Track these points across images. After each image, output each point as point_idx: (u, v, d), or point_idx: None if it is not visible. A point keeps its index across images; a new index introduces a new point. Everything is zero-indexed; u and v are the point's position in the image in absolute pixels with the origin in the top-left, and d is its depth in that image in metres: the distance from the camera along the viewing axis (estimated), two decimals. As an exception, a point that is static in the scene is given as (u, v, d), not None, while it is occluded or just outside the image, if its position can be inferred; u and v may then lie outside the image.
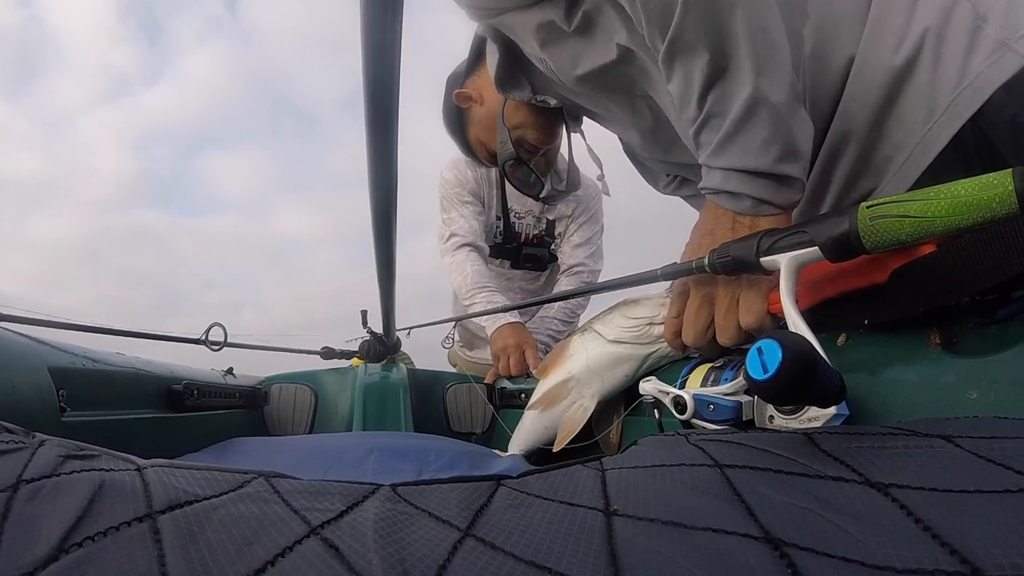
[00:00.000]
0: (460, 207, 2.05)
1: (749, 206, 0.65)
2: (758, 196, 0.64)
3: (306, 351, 2.01)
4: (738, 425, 0.58)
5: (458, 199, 2.06)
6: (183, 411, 1.23)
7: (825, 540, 0.24)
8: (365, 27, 0.57)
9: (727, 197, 0.67)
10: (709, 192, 0.69)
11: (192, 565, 0.24)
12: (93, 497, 0.28)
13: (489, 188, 2.15)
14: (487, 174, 2.13)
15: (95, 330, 1.15)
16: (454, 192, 2.07)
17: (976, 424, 0.34)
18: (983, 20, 0.66)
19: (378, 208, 0.98)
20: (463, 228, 2.01)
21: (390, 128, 0.73)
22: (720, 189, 0.67)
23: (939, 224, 0.44)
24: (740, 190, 0.65)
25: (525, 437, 1.11)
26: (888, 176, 0.72)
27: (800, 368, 0.38)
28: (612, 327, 0.91)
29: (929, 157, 0.69)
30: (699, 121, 0.67)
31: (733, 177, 0.65)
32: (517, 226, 2.20)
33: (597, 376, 0.94)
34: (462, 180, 2.09)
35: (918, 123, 0.69)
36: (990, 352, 0.45)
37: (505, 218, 2.18)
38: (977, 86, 0.65)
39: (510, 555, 0.25)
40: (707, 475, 0.31)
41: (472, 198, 2.08)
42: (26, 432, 0.37)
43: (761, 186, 0.64)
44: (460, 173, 2.10)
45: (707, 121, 0.66)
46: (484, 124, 1.33)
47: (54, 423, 0.81)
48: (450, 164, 2.14)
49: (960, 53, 0.67)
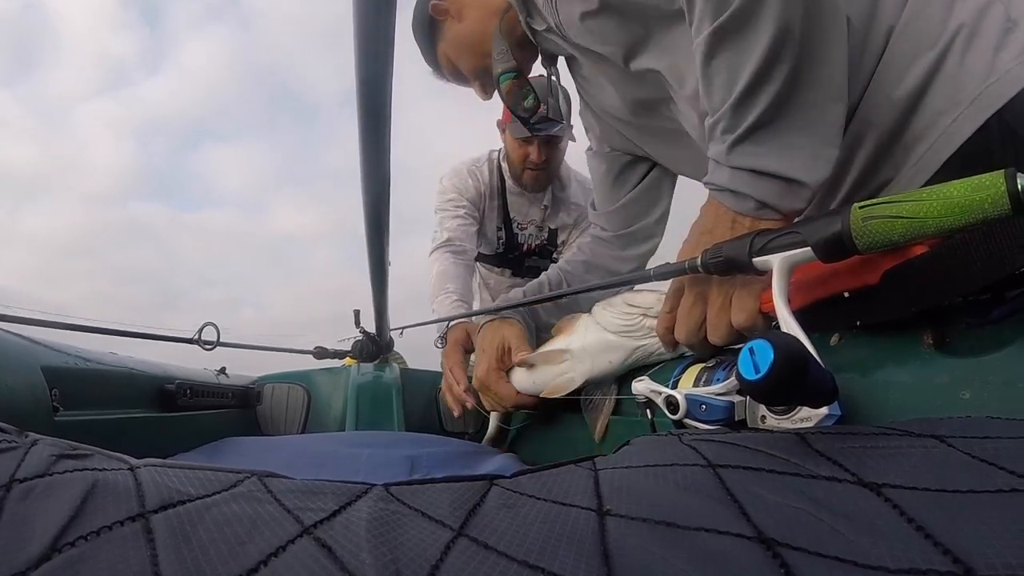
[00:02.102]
0: (453, 211, 2.05)
1: (752, 208, 0.65)
2: (762, 199, 0.64)
3: (299, 351, 2.01)
4: (730, 425, 0.58)
5: (452, 205, 2.06)
6: (176, 411, 1.22)
7: (818, 540, 0.24)
8: (358, 26, 0.57)
9: (731, 196, 0.66)
10: (714, 189, 0.69)
11: (185, 565, 0.24)
12: (86, 497, 0.28)
13: (490, 199, 2.15)
14: (488, 183, 2.14)
15: (89, 329, 1.14)
16: (449, 199, 2.07)
17: (969, 424, 0.34)
18: (1015, 24, 0.67)
19: (371, 209, 0.98)
20: (449, 229, 2.01)
21: (383, 129, 0.73)
22: (725, 187, 0.66)
23: (931, 225, 0.44)
24: (746, 191, 0.65)
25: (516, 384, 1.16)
26: (907, 167, 0.73)
27: (791, 368, 0.38)
28: (610, 312, 0.92)
29: (951, 148, 0.69)
30: (723, 112, 0.66)
31: (741, 177, 0.65)
32: (520, 237, 2.21)
33: (589, 357, 0.96)
34: (460, 188, 2.09)
35: (942, 114, 0.69)
36: (983, 352, 0.45)
37: (507, 228, 2.18)
38: (1006, 81, 0.66)
39: (503, 555, 0.25)
40: (700, 475, 0.31)
41: (468, 206, 2.08)
42: (19, 432, 0.37)
43: (768, 190, 0.64)
44: (460, 181, 2.10)
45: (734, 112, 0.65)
46: (456, 42, 1.26)
47: (47, 422, 0.81)
48: (450, 172, 2.14)
49: (990, 49, 0.67)
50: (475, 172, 2.14)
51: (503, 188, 2.15)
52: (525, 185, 2.12)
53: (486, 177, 2.14)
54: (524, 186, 2.12)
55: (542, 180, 2.10)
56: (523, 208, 2.19)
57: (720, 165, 0.67)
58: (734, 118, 0.65)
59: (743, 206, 0.66)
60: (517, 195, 2.17)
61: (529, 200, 2.18)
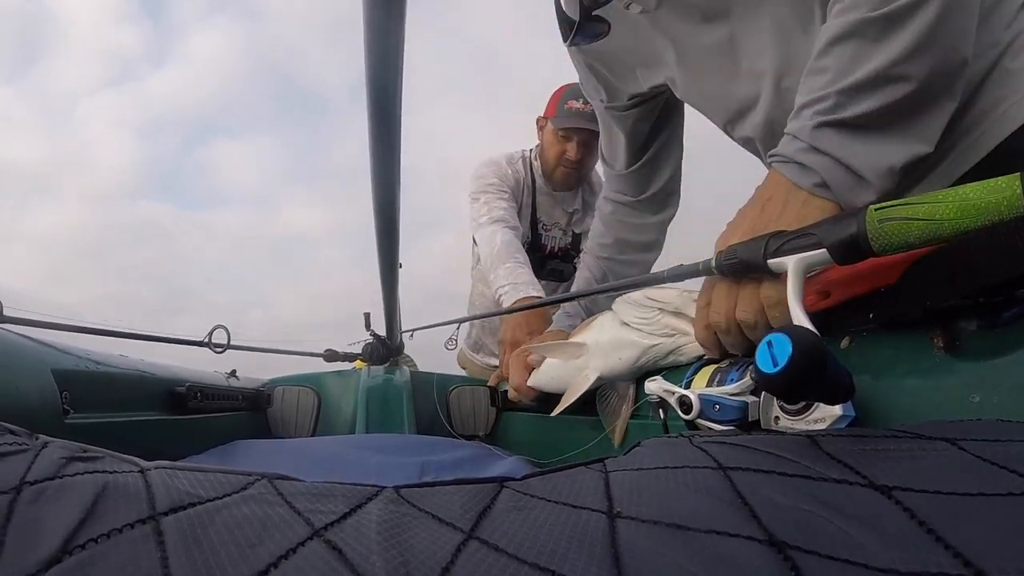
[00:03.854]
0: (497, 194, 2.04)
1: (812, 184, 0.65)
2: (826, 182, 0.64)
3: (309, 353, 2.02)
4: (743, 426, 0.57)
5: (496, 189, 2.05)
6: (186, 413, 1.23)
7: (829, 543, 0.24)
8: (368, 27, 0.57)
9: (796, 168, 0.65)
10: (779, 160, 0.68)
11: (195, 567, 0.24)
12: (96, 499, 0.28)
13: (526, 194, 2.15)
14: (525, 178, 2.14)
15: (99, 332, 1.15)
16: (491, 183, 2.07)
17: (980, 427, 0.34)
18: None
19: (381, 210, 0.97)
20: (500, 208, 2.00)
21: (393, 130, 0.73)
22: (792, 159, 0.66)
23: (947, 227, 0.43)
24: (815, 167, 0.64)
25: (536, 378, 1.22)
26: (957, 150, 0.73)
27: (810, 362, 0.38)
28: (629, 307, 0.92)
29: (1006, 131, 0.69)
30: (824, 94, 0.65)
31: (817, 157, 0.65)
32: (544, 238, 2.21)
33: (603, 353, 0.97)
34: (500, 176, 2.09)
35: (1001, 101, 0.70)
36: (994, 355, 0.45)
37: (533, 228, 2.18)
38: None
39: (513, 557, 0.25)
40: (710, 477, 0.31)
41: (510, 194, 2.07)
42: (29, 434, 0.37)
43: (837, 176, 0.63)
44: (499, 170, 2.10)
45: (839, 97, 0.64)
46: None
47: (57, 425, 0.82)
48: (487, 161, 2.14)
49: None
50: (512, 164, 2.15)
51: (534, 187, 2.16)
52: (556, 183, 2.12)
53: (520, 172, 2.15)
54: (555, 184, 2.12)
55: (573, 180, 2.11)
56: (550, 210, 2.19)
57: (796, 139, 0.66)
58: (837, 104, 0.64)
59: (805, 180, 0.65)
60: (546, 195, 2.17)
61: (557, 201, 2.18)
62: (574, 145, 1.99)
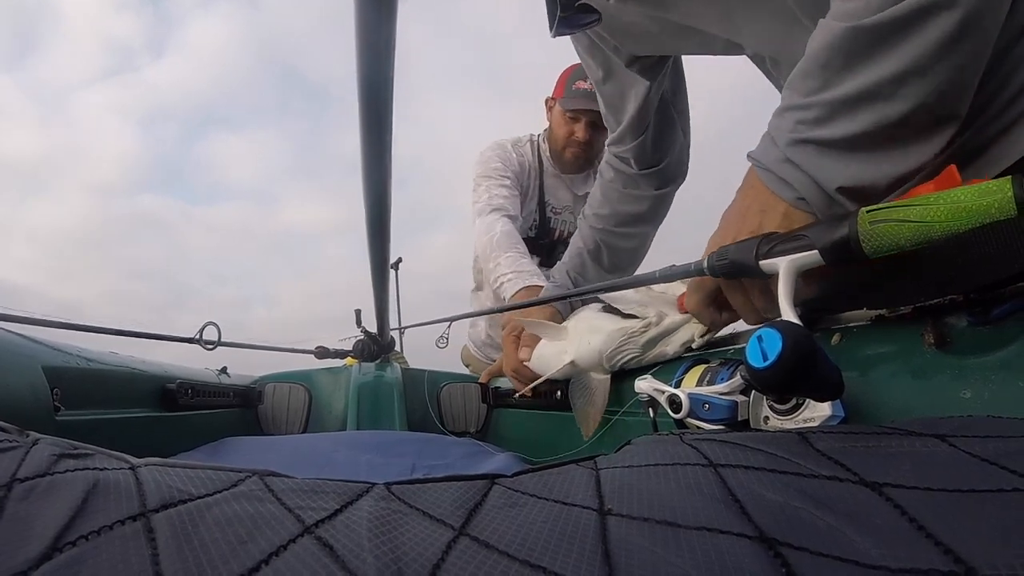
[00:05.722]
0: (499, 179, 2.04)
1: (790, 198, 0.62)
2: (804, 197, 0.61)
3: (300, 350, 2.02)
4: (733, 425, 0.58)
5: (498, 174, 2.05)
6: (177, 410, 1.23)
7: (819, 540, 0.24)
8: (359, 24, 0.57)
9: (775, 179, 0.63)
10: (759, 166, 0.65)
11: (186, 564, 0.24)
12: (87, 496, 0.28)
13: (532, 178, 2.15)
14: (532, 161, 2.14)
15: (90, 329, 1.14)
16: (494, 168, 2.06)
17: (970, 423, 0.34)
18: None
19: (372, 208, 0.98)
20: (500, 196, 1.99)
21: (384, 127, 0.73)
22: (771, 170, 0.63)
23: (939, 229, 0.43)
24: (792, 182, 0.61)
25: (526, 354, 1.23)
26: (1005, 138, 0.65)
27: (800, 356, 0.38)
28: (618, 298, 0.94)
29: None
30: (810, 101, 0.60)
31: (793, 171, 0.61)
32: (553, 221, 2.20)
33: (577, 336, 1.00)
34: (504, 160, 2.09)
35: None
36: (984, 352, 0.45)
37: (541, 211, 2.18)
38: None
39: (504, 554, 0.25)
40: (701, 474, 0.31)
41: (513, 179, 2.07)
42: (20, 431, 0.37)
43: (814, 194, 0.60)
44: (504, 154, 2.10)
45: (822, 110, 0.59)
46: None
47: (48, 422, 0.81)
48: (493, 145, 2.14)
49: None
50: (518, 148, 2.15)
51: (541, 170, 2.15)
52: (565, 164, 2.11)
53: (527, 156, 2.15)
54: (564, 166, 2.12)
55: (582, 161, 2.10)
56: (558, 192, 2.19)
57: (775, 147, 0.63)
58: (818, 120, 0.60)
59: (785, 193, 0.62)
60: (553, 177, 2.17)
61: (566, 184, 2.18)
62: (582, 126, 2.00)
